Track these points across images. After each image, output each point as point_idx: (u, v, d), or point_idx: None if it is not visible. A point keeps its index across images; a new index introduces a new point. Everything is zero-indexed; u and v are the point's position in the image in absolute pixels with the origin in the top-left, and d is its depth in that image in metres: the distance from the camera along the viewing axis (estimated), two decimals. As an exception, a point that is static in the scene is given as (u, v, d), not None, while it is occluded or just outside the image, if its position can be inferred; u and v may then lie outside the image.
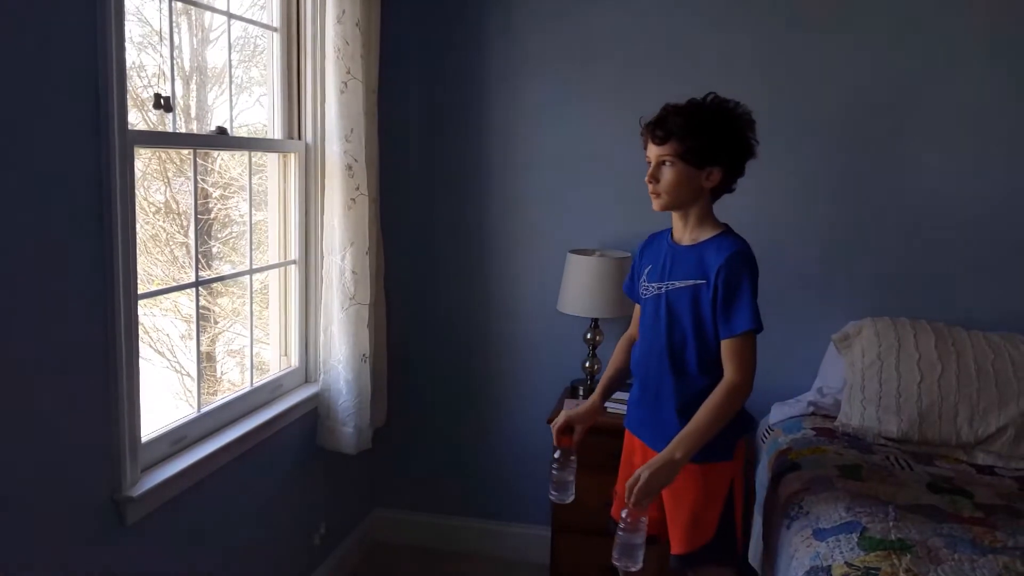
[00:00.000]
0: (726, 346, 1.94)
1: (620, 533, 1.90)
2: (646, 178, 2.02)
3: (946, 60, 2.78)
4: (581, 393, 2.95)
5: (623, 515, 1.90)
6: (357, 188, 2.71)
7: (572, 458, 2.19)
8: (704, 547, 2.02)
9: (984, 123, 2.78)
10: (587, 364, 3.00)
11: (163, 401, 3.91)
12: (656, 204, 2.03)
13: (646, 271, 2.13)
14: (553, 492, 2.16)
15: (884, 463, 2.34)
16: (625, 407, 2.79)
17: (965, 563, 1.78)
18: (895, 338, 2.61)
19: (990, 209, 2.81)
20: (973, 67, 2.77)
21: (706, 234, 2.01)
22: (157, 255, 3.82)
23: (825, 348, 2.89)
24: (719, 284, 1.92)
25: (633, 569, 1.92)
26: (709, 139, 1.94)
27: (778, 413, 2.79)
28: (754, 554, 2.47)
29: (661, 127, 1.97)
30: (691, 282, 1.98)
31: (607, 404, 2.82)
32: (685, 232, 2.05)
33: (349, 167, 2.69)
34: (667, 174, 1.98)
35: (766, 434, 2.73)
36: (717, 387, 1.94)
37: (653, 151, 2.00)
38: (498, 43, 3.08)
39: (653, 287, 2.08)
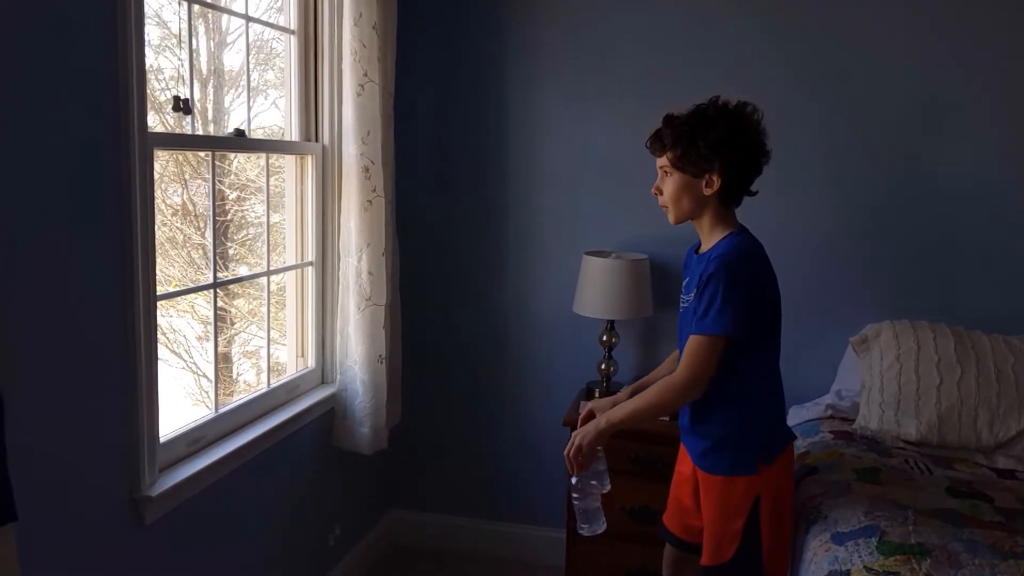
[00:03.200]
0: (688, 342, 1.92)
1: (576, 502, 2.02)
2: (652, 190, 2.04)
3: (969, 58, 2.76)
4: (597, 395, 2.94)
5: (574, 482, 2.00)
6: (374, 190, 2.71)
7: (599, 451, 2.16)
8: (726, 563, 1.99)
9: (1007, 122, 2.76)
10: (603, 366, 2.99)
11: (179, 402, 3.93)
12: (669, 217, 2.04)
13: (684, 283, 2.11)
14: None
15: (903, 467, 2.33)
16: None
17: (985, 568, 1.76)
18: (914, 341, 2.59)
19: (1013, 211, 2.78)
20: (1000, 64, 2.75)
21: (714, 240, 1.98)
22: (174, 257, 3.84)
23: (843, 351, 2.87)
24: (702, 283, 1.91)
25: (599, 531, 2.04)
26: (698, 145, 1.91)
27: (796, 416, 2.78)
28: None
29: (656, 138, 1.99)
30: (694, 292, 1.97)
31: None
32: (703, 241, 2.04)
33: (366, 169, 2.69)
34: (667, 185, 1.99)
35: (783, 437, 2.71)
36: (662, 380, 1.97)
37: (657, 163, 2.02)
38: (515, 45, 3.08)
39: (683, 299, 2.08)
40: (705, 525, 2.05)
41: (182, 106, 2.15)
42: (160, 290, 2.02)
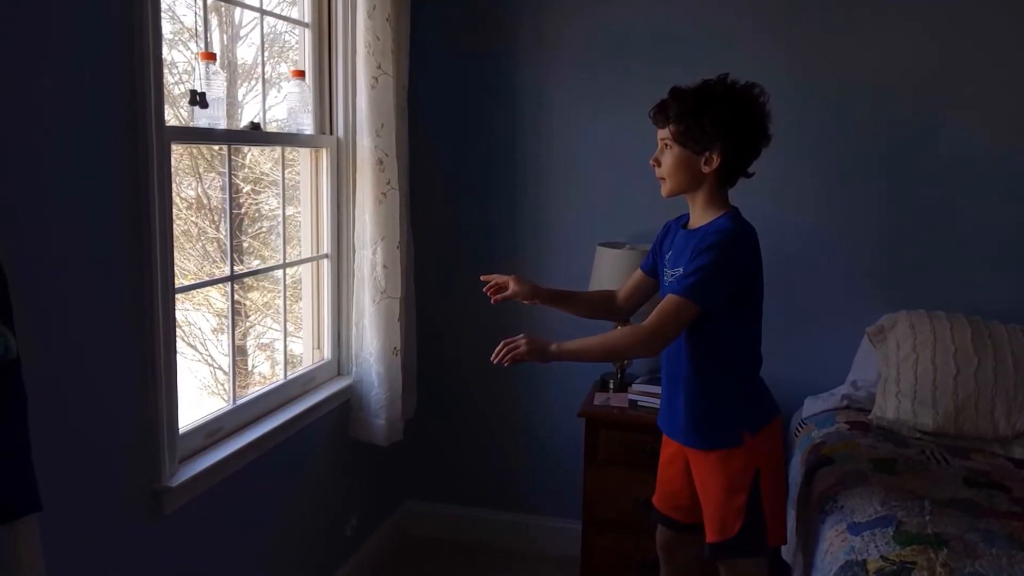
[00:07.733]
0: (665, 299, 1.93)
1: None
2: (650, 161, 2.02)
3: (984, 44, 2.74)
4: (611, 386, 2.94)
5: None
6: (388, 182, 2.72)
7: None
8: (733, 538, 2.01)
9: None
10: (617, 357, 2.99)
11: (195, 393, 3.96)
12: (662, 189, 2.03)
13: (667, 257, 2.11)
14: None
15: (919, 457, 2.32)
16: (657, 401, 2.80)
17: (1002, 559, 1.75)
18: (930, 331, 2.58)
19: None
20: (1013, 50, 2.72)
21: (708, 219, 1.98)
22: (189, 250, 3.86)
23: (859, 341, 2.86)
24: (699, 250, 1.91)
25: None
26: (703, 122, 1.90)
27: (811, 407, 2.77)
28: (787, 549, 2.46)
29: (661, 109, 1.97)
30: (682, 268, 1.97)
31: (639, 400, 2.81)
32: (693, 218, 2.04)
33: (380, 161, 2.70)
34: (667, 157, 1.98)
35: (799, 428, 2.71)
36: (630, 325, 1.93)
37: (658, 134, 2.00)
38: (528, 38, 3.08)
39: (669, 273, 2.07)
40: (706, 503, 2.06)
41: (198, 100, 2.16)
42: (177, 283, 2.03)
